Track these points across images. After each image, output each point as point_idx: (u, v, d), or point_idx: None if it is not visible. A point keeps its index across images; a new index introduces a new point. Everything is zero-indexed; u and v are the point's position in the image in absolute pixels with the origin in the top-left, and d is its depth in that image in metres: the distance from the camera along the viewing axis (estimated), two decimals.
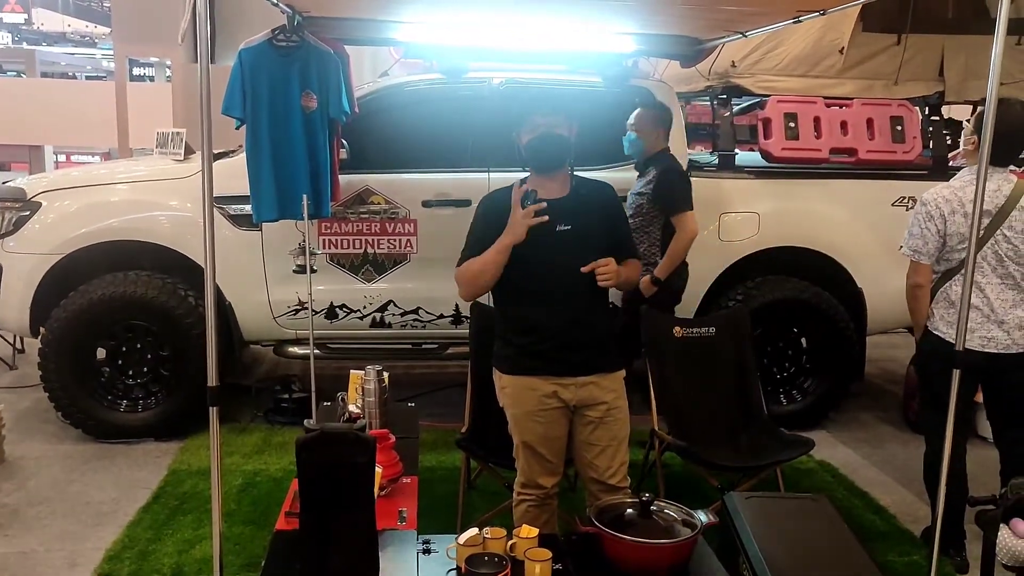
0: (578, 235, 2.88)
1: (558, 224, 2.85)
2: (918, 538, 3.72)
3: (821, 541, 2.76)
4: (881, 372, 6.37)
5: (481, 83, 4.74)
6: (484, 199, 3.10)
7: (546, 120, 2.90)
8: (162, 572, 3.29)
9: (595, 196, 3.01)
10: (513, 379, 2.99)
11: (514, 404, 2.99)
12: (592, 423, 2.97)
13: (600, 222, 2.96)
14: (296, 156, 4.14)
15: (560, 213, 2.86)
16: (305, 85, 4.10)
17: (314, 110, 4.14)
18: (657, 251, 4.24)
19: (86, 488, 4.07)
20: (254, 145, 4.11)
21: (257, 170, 4.14)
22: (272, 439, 4.69)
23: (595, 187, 3.06)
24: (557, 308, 2.89)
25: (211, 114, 2.43)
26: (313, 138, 4.16)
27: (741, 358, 4.07)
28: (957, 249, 3.32)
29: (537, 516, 3.02)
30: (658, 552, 2.47)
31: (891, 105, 5.03)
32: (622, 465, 3.03)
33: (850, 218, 4.95)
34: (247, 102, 4.05)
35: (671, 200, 4.19)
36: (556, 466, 3.02)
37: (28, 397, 5.33)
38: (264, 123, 4.09)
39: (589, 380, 2.95)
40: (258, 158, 4.13)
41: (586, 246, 2.88)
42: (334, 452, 2.15)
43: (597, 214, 2.97)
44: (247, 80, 4.03)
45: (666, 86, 4.96)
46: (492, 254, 2.86)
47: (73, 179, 4.83)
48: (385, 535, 2.55)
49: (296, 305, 4.65)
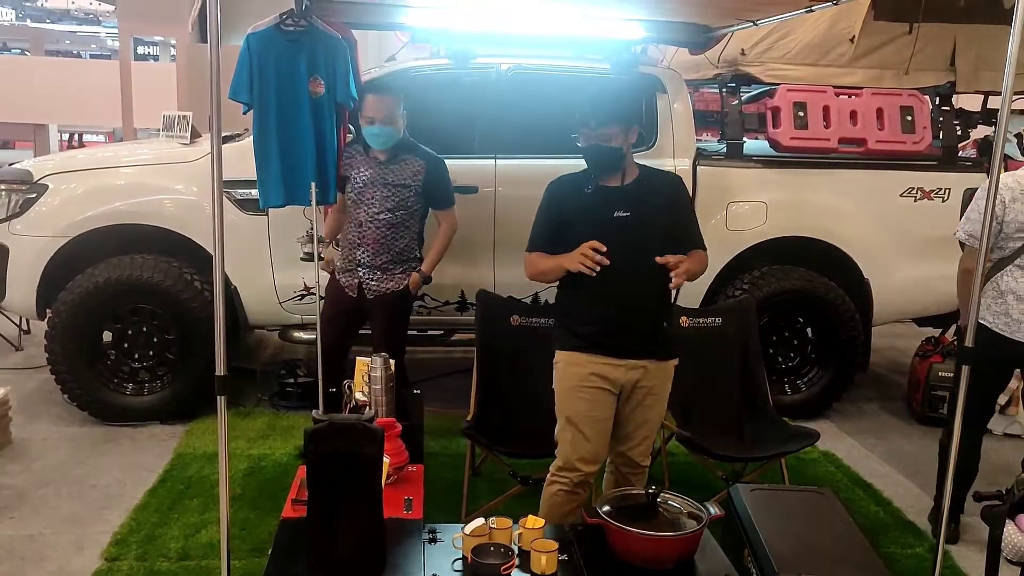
0: (637, 222, 2.90)
1: (616, 210, 2.89)
2: (922, 530, 3.72)
3: (826, 533, 2.77)
4: (886, 363, 6.37)
5: (488, 69, 4.71)
6: (551, 184, 3.11)
7: (598, 133, 2.88)
8: (168, 556, 3.30)
9: (660, 186, 3.01)
10: (564, 354, 3.03)
11: (561, 379, 3.03)
12: (630, 403, 3.03)
13: (662, 212, 2.95)
14: (303, 141, 4.12)
15: (618, 200, 2.91)
16: (313, 70, 4.07)
17: (322, 95, 4.12)
18: (417, 247, 4.07)
19: (92, 471, 4.08)
20: (261, 130, 4.09)
21: (264, 155, 4.12)
22: (277, 424, 4.70)
23: (662, 178, 3.09)
24: (612, 293, 2.89)
25: (221, 97, 2.41)
26: (320, 124, 4.14)
27: (747, 348, 4.07)
28: (1013, 237, 3.35)
29: (565, 502, 3.02)
30: (664, 544, 2.48)
31: (901, 95, 5.00)
32: (647, 444, 3.13)
33: (858, 208, 4.93)
34: (254, 87, 4.03)
35: (446, 195, 4.07)
36: (596, 450, 3.00)
37: (34, 379, 5.34)
38: (272, 108, 4.07)
39: (639, 364, 2.97)
40: (265, 144, 4.11)
41: (644, 234, 2.89)
42: (343, 443, 2.16)
43: (660, 203, 2.96)
44: (254, 65, 4.01)
45: (674, 73, 4.93)
46: (553, 265, 2.97)
47: (79, 162, 4.82)
48: (391, 524, 2.56)
49: (302, 290, 4.65)
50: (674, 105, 4.80)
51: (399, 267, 3.97)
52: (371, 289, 3.96)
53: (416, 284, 4.03)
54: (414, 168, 3.94)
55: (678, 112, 4.80)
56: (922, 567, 3.34)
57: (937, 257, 4.99)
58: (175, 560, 3.27)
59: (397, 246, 3.95)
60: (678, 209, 3.03)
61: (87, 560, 3.28)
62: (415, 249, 4.06)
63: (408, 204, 3.94)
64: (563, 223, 2.98)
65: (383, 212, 3.90)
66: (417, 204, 3.98)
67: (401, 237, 3.96)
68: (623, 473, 3.15)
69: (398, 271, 3.97)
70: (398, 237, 3.95)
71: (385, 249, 3.93)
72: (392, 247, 3.95)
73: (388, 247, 3.94)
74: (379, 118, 3.88)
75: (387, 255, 3.94)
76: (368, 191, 3.91)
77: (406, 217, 3.95)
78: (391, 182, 3.91)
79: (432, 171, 3.96)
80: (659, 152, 4.76)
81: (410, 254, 4.03)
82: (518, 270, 4.49)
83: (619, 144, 2.90)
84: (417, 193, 3.94)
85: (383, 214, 3.90)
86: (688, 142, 4.81)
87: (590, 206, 2.93)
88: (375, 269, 3.94)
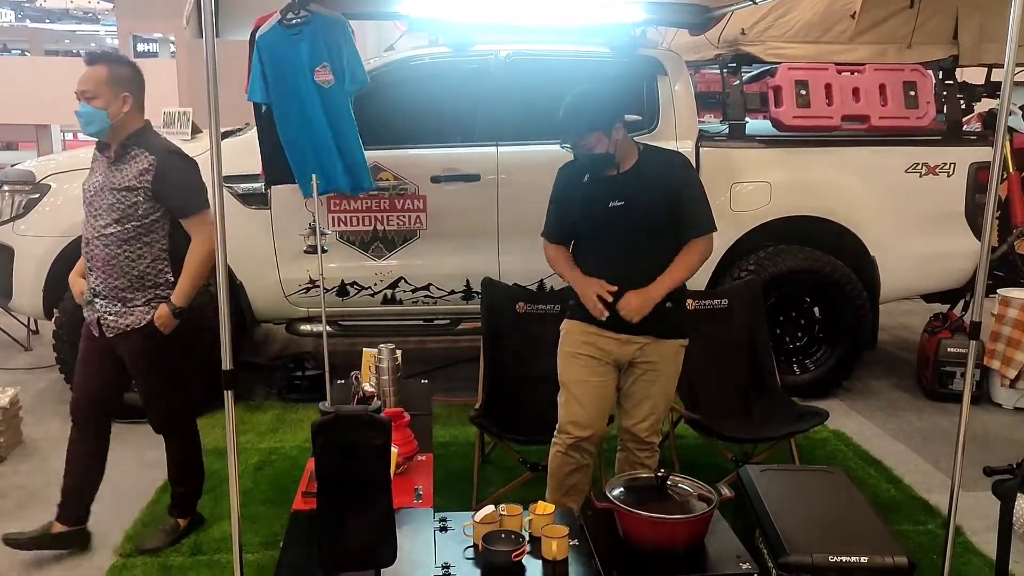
0: (633, 211, 2.93)
1: (611, 200, 2.94)
2: (934, 506, 3.72)
3: (837, 512, 2.77)
4: (895, 340, 6.35)
5: (487, 56, 4.69)
6: (560, 169, 3.15)
7: (581, 145, 2.93)
8: (181, 551, 3.32)
9: (659, 170, 2.98)
10: (567, 323, 3.14)
11: (562, 344, 3.12)
12: (632, 377, 3.10)
13: (660, 196, 2.95)
14: (323, 133, 4.12)
15: (613, 190, 2.95)
16: (317, 60, 4.06)
17: (332, 83, 4.10)
18: (167, 269, 3.23)
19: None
20: (285, 126, 4.11)
21: (297, 150, 4.14)
22: (287, 417, 4.71)
23: (662, 160, 3.04)
24: (613, 278, 2.95)
25: (218, 93, 2.40)
26: (333, 112, 4.12)
27: (754, 330, 4.06)
28: None
29: (562, 464, 3.06)
30: (674, 527, 2.48)
31: (904, 70, 4.97)
32: (653, 421, 3.12)
33: (863, 186, 4.90)
34: (269, 86, 4.04)
35: (183, 198, 3.18)
36: (590, 416, 3.03)
37: (44, 378, 5.36)
38: (292, 104, 4.08)
39: (636, 340, 3.02)
40: (295, 139, 4.12)
41: (640, 222, 2.94)
42: (350, 435, 2.16)
43: (657, 187, 2.95)
44: (266, 65, 4.02)
45: (675, 55, 4.91)
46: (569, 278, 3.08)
47: (82, 161, 4.79)
48: (402, 513, 2.57)
49: (307, 283, 4.66)
50: (675, 87, 4.78)
51: (141, 296, 3.16)
52: (108, 325, 3.16)
53: (164, 320, 3.15)
54: (141, 166, 3.10)
55: (679, 94, 4.78)
56: (934, 543, 3.33)
57: (943, 233, 4.98)
58: (188, 555, 3.29)
59: (135, 269, 3.14)
60: (678, 189, 2.98)
61: (102, 557, 3.30)
62: (164, 272, 3.21)
63: (138, 213, 3.10)
64: (565, 212, 3.07)
65: (110, 224, 3.10)
66: (153, 212, 3.13)
67: (139, 257, 3.14)
68: (631, 449, 3.17)
69: (139, 302, 3.15)
70: (134, 257, 3.13)
71: (119, 273, 3.13)
72: (127, 270, 3.13)
73: (122, 270, 3.13)
74: (83, 92, 3.10)
75: (122, 280, 3.13)
76: (97, 200, 3.13)
77: (140, 230, 3.12)
78: (116, 185, 3.10)
79: (164, 168, 3.10)
80: (661, 135, 4.74)
81: (156, 279, 3.19)
82: (523, 257, 4.53)
83: (605, 148, 2.92)
84: (148, 197, 3.10)
85: (111, 227, 3.09)
86: (690, 124, 4.78)
87: (586, 197, 3.00)
88: (112, 300, 3.15)
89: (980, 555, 3.32)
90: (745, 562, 2.46)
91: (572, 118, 2.94)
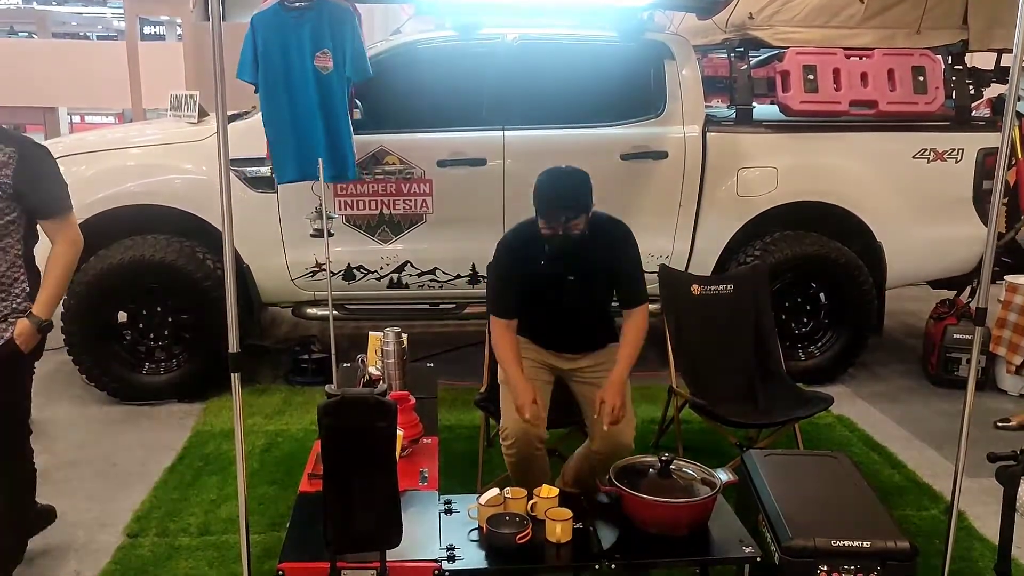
0: (581, 284, 3.12)
1: (568, 275, 3.10)
2: (937, 492, 3.73)
3: (840, 497, 2.78)
4: (900, 326, 6.34)
5: (495, 40, 4.68)
6: (504, 245, 3.21)
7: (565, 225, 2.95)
8: (189, 532, 3.35)
9: (606, 241, 3.10)
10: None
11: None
12: (579, 381, 3.26)
13: (606, 268, 3.13)
14: (312, 117, 4.12)
15: (567, 268, 3.09)
16: (318, 45, 4.06)
17: (331, 70, 4.10)
18: (26, 277, 2.87)
19: (112, 449, 4.13)
20: (271, 109, 4.10)
21: (276, 133, 4.14)
22: (293, 399, 4.74)
23: (608, 236, 3.13)
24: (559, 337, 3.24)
25: (224, 75, 2.40)
26: (329, 98, 4.13)
27: (759, 315, 4.06)
28: None
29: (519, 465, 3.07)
30: (678, 511, 2.50)
31: (913, 55, 4.93)
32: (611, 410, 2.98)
33: (870, 172, 4.88)
34: (259, 67, 4.03)
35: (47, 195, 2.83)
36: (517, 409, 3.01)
37: (52, 360, 5.36)
38: (280, 86, 4.08)
39: (574, 356, 3.25)
40: (277, 121, 4.13)
41: (588, 291, 3.16)
42: (355, 417, 2.17)
43: (605, 258, 3.11)
44: (259, 45, 4.02)
45: (682, 39, 4.88)
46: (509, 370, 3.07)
47: (89, 143, 4.82)
48: (407, 496, 2.59)
49: (313, 267, 4.67)
50: (682, 72, 4.76)
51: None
52: None
53: (26, 336, 2.77)
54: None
55: (686, 79, 4.76)
56: (937, 529, 3.34)
57: (951, 219, 4.96)
58: (195, 535, 3.32)
59: None
60: (622, 263, 3.15)
61: (110, 537, 3.33)
62: (20, 281, 2.84)
63: None
64: (519, 288, 3.16)
65: None
66: (10, 212, 2.76)
67: None
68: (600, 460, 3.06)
69: None
70: None
71: None
72: None
73: None
74: None
75: None
76: None
77: None
78: None
79: (26, 162, 2.74)
80: (668, 120, 4.73)
81: (11, 288, 2.82)
82: None
83: (581, 229, 2.98)
84: (7, 195, 2.73)
85: None
86: (697, 109, 4.77)
87: (543, 277, 3.11)
88: None
89: (983, 540, 3.33)
90: (748, 546, 2.48)
91: (571, 200, 2.97)
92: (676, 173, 4.72)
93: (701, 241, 4.85)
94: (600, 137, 4.67)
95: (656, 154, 4.68)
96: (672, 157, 4.70)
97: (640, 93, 4.76)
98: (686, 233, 4.82)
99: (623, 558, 2.43)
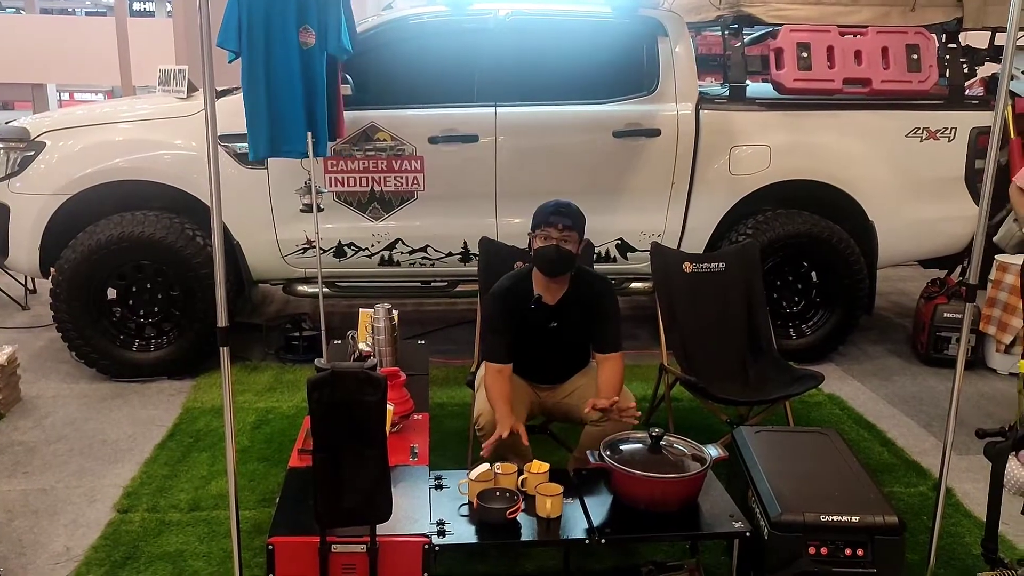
0: (563, 332, 3.22)
1: (550, 322, 3.20)
2: (926, 469, 3.75)
3: (830, 473, 2.78)
4: (891, 306, 6.36)
5: (487, 15, 4.64)
6: (498, 294, 3.24)
7: (561, 235, 3.05)
8: (179, 507, 3.34)
9: (589, 295, 3.22)
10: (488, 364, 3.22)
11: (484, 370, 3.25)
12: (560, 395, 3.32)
13: (587, 319, 3.22)
14: (292, 93, 4.07)
15: (552, 314, 3.19)
16: (303, 20, 4.01)
17: (312, 46, 4.06)
18: None
19: (102, 426, 4.12)
20: (250, 81, 4.05)
21: (253, 107, 4.08)
22: (283, 377, 4.73)
23: (592, 284, 3.25)
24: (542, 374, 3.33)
25: (212, 51, 2.38)
26: (311, 75, 4.09)
27: (751, 293, 4.06)
28: None
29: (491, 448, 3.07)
30: (668, 486, 2.50)
31: (907, 33, 4.90)
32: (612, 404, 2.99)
33: (863, 150, 4.87)
34: (243, 36, 3.98)
35: None
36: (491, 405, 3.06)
37: (42, 337, 5.37)
38: (260, 59, 4.02)
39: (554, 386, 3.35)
40: (254, 95, 4.07)
41: (570, 338, 3.26)
42: (345, 391, 2.16)
43: (587, 310, 3.21)
44: (243, 13, 3.96)
45: (676, 16, 4.85)
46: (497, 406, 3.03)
47: (77, 118, 4.78)
48: (398, 471, 2.59)
49: (304, 244, 4.64)
50: (676, 49, 4.73)
51: None
52: None
53: None
54: None
55: (680, 56, 4.73)
56: (925, 504, 3.37)
57: (943, 198, 4.96)
58: (185, 511, 3.32)
59: None
60: (602, 314, 3.23)
61: (100, 512, 3.33)
62: None
63: None
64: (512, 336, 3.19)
65: None
66: None
67: None
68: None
69: None
70: None
71: None
72: None
73: None
74: None
75: None
76: None
77: None
78: None
79: None
80: (661, 97, 4.70)
81: None
82: (520, 219, 4.52)
83: (572, 248, 3.07)
84: None
85: None
86: (690, 86, 4.74)
87: (532, 321, 3.19)
88: None
89: (970, 516, 3.35)
90: (738, 521, 2.49)
91: (571, 210, 3.10)
92: (669, 151, 4.70)
93: (693, 219, 4.84)
94: (593, 114, 4.65)
95: (649, 131, 4.67)
96: (665, 135, 4.68)
97: (633, 70, 4.73)
98: (678, 211, 4.81)
99: (613, 533, 2.43)
